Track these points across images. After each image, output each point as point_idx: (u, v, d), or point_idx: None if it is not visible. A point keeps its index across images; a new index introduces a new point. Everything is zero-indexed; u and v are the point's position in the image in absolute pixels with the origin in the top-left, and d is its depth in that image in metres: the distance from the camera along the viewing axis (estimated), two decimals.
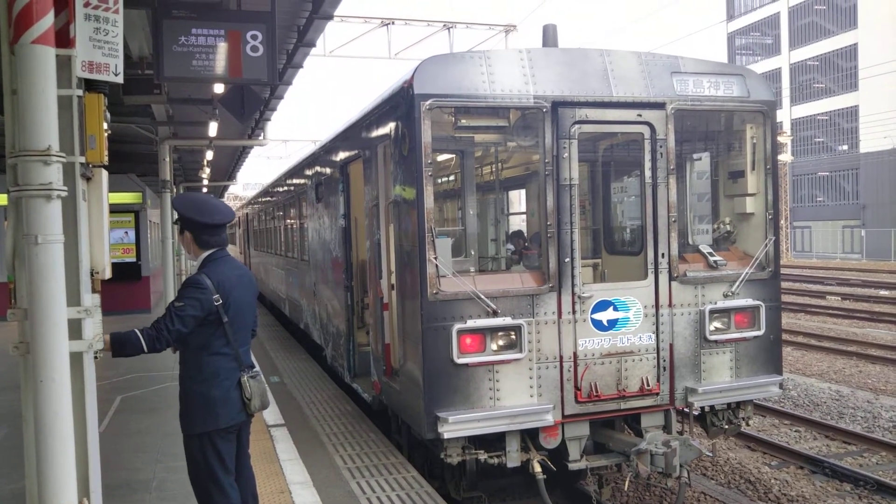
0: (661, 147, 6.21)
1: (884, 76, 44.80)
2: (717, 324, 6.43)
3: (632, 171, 7.73)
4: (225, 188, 39.99)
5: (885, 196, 46.98)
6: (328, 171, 9.54)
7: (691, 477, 6.88)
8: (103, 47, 3.99)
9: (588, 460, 6.22)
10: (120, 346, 4.05)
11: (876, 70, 45.20)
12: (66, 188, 3.46)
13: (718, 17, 61.12)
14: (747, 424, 6.94)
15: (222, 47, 6.35)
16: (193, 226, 4.26)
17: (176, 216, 4.42)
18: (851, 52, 50.28)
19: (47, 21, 3.36)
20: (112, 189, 4.75)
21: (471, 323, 5.70)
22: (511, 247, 8.56)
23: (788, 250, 47.50)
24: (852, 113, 50.31)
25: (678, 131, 6.39)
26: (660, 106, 6.21)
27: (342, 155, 8.63)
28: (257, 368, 4.35)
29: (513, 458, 5.88)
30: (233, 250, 37.62)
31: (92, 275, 4.07)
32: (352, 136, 8.08)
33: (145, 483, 5.99)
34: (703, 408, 6.57)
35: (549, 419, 5.84)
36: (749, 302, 6.52)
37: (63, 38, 3.73)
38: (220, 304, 4.10)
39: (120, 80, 4.09)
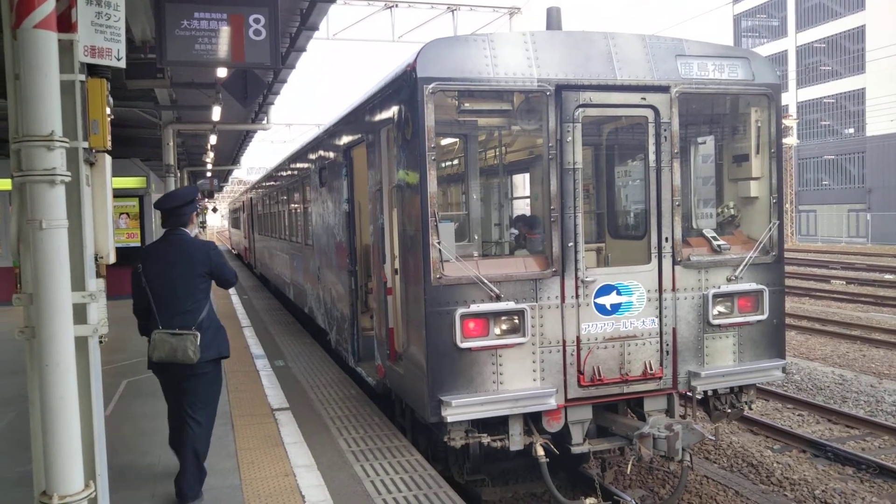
0: (665, 131, 6.19)
1: (891, 58, 44.44)
2: (720, 308, 6.43)
3: (636, 154, 7.70)
4: (229, 172, 39.96)
5: (891, 180, 46.75)
6: (332, 155, 9.53)
7: (694, 460, 6.91)
8: (105, 32, 3.98)
9: (591, 444, 6.24)
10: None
11: (883, 52, 44.83)
12: (69, 173, 3.47)
13: None
14: (750, 408, 6.96)
15: (225, 31, 6.31)
16: None
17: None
18: (859, 35, 49.86)
19: (49, 5, 3.35)
20: (116, 173, 4.79)
21: (474, 307, 5.71)
22: (515, 231, 8.55)
23: (793, 234, 47.40)
24: (859, 96, 49.97)
25: (682, 115, 6.36)
26: (664, 89, 6.17)
27: (345, 139, 8.62)
28: (193, 330, 5.02)
29: (516, 441, 5.90)
30: (237, 234, 37.68)
31: (96, 259, 4.09)
32: (355, 120, 8.06)
33: (151, 466, 6.05)
34: (705, 392, 6.58)
35: (552, 403, 5.86)
36: (752, 286, 6.51)
37: (65, 22, 3.73)
38: (140, 272, 5.16)
39: (122, 64, 4.08)
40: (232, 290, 20.49)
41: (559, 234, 5.92)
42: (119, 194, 16.91)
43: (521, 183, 9.83)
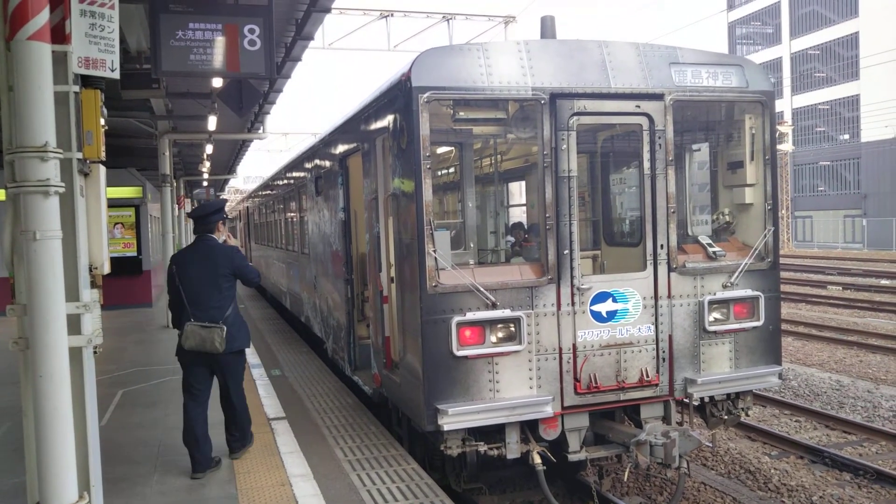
0: (659, 138, 6.21)
1: (885, 65, 44.68)
2: (716, 314, 6.44)
3: (631, 162, 7.72)
4: (225, 182, 39.93)
5: (886, 185, 46.91)
6: (327, 164, 9.54)
7: (691, 467, 6.91)
8: (99, 43, 3.99)
9: (588, 451, 6.24)
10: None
11: (877, 59, 45.07)
12: (63, 184, 3.48)
13: (719, 6, 60.93)
14: (747, 415, 6.96)
15: (220, 41, 6.34)
16: None
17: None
18: (853, 41, 50.10)
19: (43, 17, 3.37)
20: (112, 183, 4.81)
21: (470, 315, 5.71)
22: (511, 238, 8.56)
23: (790, 240, 47.47)
24: (853, 102, 50.18)
25: (677, 122, 6.38)
26: (658, 97, 6.20)
27: (341, 148, 8.63)
28: (220, 324, 5.75)
29: (513, 449, 5.89)
30: (233, 244, 37.72)
31: (91, 270, 4.09)
32: (351, 129, 8.08)
33: (146, 477, 6.02)
34: (702, 398, 6.58)
35: (549, 411, 5.86)
36: (748, 293, 6.52)
37: (59, 34, 3.74)
38: (174, 272, 5.98)
39: (116, 75, 4.09)
40: None
41: (555, 242, 5.93)
42: (115, 204, 16.91)
43: (517, 191, 9.85)
